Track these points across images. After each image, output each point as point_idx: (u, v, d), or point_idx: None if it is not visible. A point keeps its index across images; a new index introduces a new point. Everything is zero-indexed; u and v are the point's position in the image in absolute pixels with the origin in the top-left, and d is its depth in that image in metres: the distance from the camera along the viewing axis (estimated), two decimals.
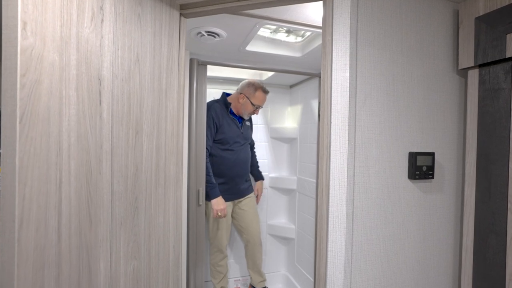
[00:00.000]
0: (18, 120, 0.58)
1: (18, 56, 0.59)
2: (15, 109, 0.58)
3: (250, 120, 2.19)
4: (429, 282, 1.18)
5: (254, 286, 2.18)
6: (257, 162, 2.32)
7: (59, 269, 0.67)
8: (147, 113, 0.97)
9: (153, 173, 1.02)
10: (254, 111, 2.00)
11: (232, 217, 2.11)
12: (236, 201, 2.07)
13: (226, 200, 1.96)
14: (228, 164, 1.95)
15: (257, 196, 2.24)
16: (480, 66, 1.11)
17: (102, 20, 0.77)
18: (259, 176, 2.30)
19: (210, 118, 1.88)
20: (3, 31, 0.62)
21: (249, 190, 2.14)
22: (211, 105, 1.95)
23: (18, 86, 0.58)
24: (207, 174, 1.80)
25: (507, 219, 1.02)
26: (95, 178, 0.76)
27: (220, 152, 1.93)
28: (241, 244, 2.45)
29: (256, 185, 2.27)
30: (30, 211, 0.62)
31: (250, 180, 2.19)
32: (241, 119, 2.06)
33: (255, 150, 2.34)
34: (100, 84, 0.77)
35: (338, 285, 1.04)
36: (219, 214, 1.80)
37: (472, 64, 1.12)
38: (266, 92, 1.99)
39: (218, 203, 1.82)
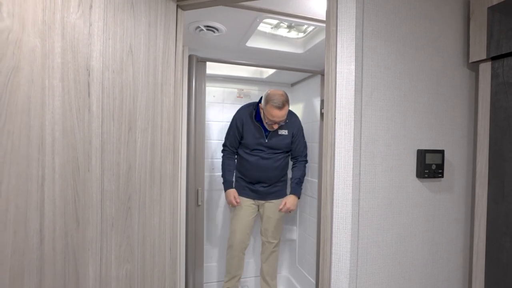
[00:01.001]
0: None
1: None
2: None
3: (291, 128, 1.96)
4: (438, 287, 1.13)
5: None
6: (300, 175, 2.00)
7: (42, 274, 0.62)
8: (141, 108, 0.91)
9: (147, 171, 0.96)
10: (272, 125, 1.84)
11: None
12: (259, 201, 2.01)
13: (248, 196, 1.99)
14: (247, 166, 1.97)
15: (282, 208, 1.97)
16: (493, 58, 1.05)
17: (91, 6, 0.72)
18: (293, 190, 1.99)
19: (234, 121, 1.99)
20: None
21: (275, 196, 2.00)
22: (240, 110, 2.02)
23: None
24: (224, 169, 2.01)
25: None
26: (83, 176, 0.71)
27: (243, 154, 1.99)
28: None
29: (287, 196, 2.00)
30: (7, 212, 0.56)
31: (280, 186, 2.02)
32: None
33: (302, 162, 2.03)
34: (89, 75, 0.72)
35: None
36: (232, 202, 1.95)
37: (484, 57, 1.06)
38: (276, 107, 1.75)
39: (227, 194, 1.96)
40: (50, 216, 0.63)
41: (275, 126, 1.86)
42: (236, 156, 2.05)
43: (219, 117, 2.42)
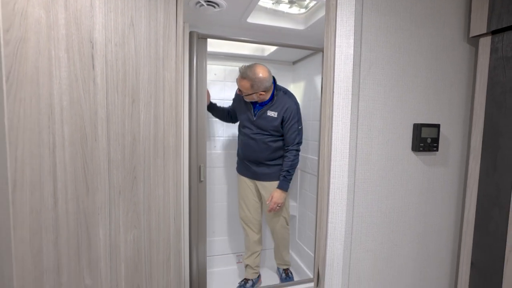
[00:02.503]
0: (4, 78, 0.56)
1: None
2: (0, 67, 0.56)
3: (281, 111, 1.86)
4: (429, 255, 1.19)
5: (278, 266, 2.23)
6: (288, 167, 1.88)
7: (57, 233, 0.67)
8: (143, 81, 0.94)
9: (151, 143, 1.00)
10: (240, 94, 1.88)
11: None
12: (255, 181, 2.01)
13: (245, 175, 2.04)
14: (240, 145, 2.04)
15: (268, 204, 1.92)
16: (493, 33, 1.05)
17: None
18: (280, 184, 1.89)
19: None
20: None
21: (269, 177, 1.95)
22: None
23: (2, 42, 0.55)
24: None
25: None
26: (91, 145, 0.75)
27: (239, 132, 2.06)
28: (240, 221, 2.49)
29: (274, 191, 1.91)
30: (23, 174, 0.61)
31: (274, 169, 1.95)
32: (259, 106, 1.91)
33: (292, 151, 1.89)
34: (93, 48, 0.74)
35: (338, 255, 1.04)
36: None
37: (484, 31, 1.06)
38: (239, 76, 1.82)
39: None
40: (62, 180, 0.68)
41: (246, 98, 1.87)
42: (227, 110, 2.16)
43: (220, 95, 2.43)
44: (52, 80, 0.65)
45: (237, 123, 2.14)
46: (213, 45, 2.17)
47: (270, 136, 1.90)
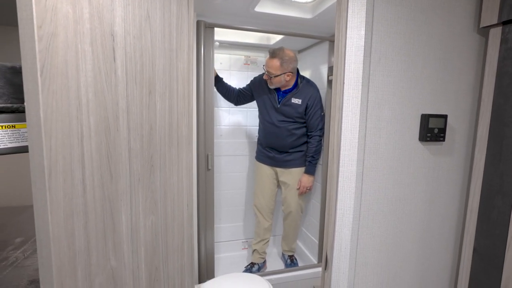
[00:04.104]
0: (39, 72, 0.59)
1: (33, 6, 0.58)
2: (35, 61, 0.58)
3: (306, 98, 1.92)
4: (433, 241, 1.23)
5: (283, 252, 2.31)
6: (313, 152, 1.97)
7: (87, 217, 0.72)
8: (159, 72, 0.96)
9: (166, 133, 1.03)
10: (268, 79, 1.91)
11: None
12: (276, 168, 2.07)
13: (265, 163, 2.09)
14: (261, 133, 2.08)
15: (299, 189, 2.03)
16: (504, 23, 1.06)
17: None
18: (306, 169, 2.00)
19: (250, 81, 2.11)
20: None
21: (292, 164, 2.02)
22: (260, 75, 2.08)
23: (36, 38, 0.58)
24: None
25: None
26: (113, 135, 0.78)
27: (260, 120, 2.09)
28: (245, 209, 2.56)
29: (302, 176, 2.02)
30: (56, 162, 0.65)
31: (295, 155, 2.03)
32: (283, 93, 1.96)
33: (316, 137, 1.97)
34: (114, 40, 0.76)
35: (346, 241, 1.09)
36: None
37: (495, 22, 1.06)
38: (269, 55, 1.89)
39: None
40: (90, 168, 0.72)
41: (273, 83, 1.89)
42: (237, 91, 2.11)
43: None
44: (79, 73, 0.68)
45: (237, 105, 2.19)
46: (219, 33, 2.17)
47: (294, 123, 1.96)
